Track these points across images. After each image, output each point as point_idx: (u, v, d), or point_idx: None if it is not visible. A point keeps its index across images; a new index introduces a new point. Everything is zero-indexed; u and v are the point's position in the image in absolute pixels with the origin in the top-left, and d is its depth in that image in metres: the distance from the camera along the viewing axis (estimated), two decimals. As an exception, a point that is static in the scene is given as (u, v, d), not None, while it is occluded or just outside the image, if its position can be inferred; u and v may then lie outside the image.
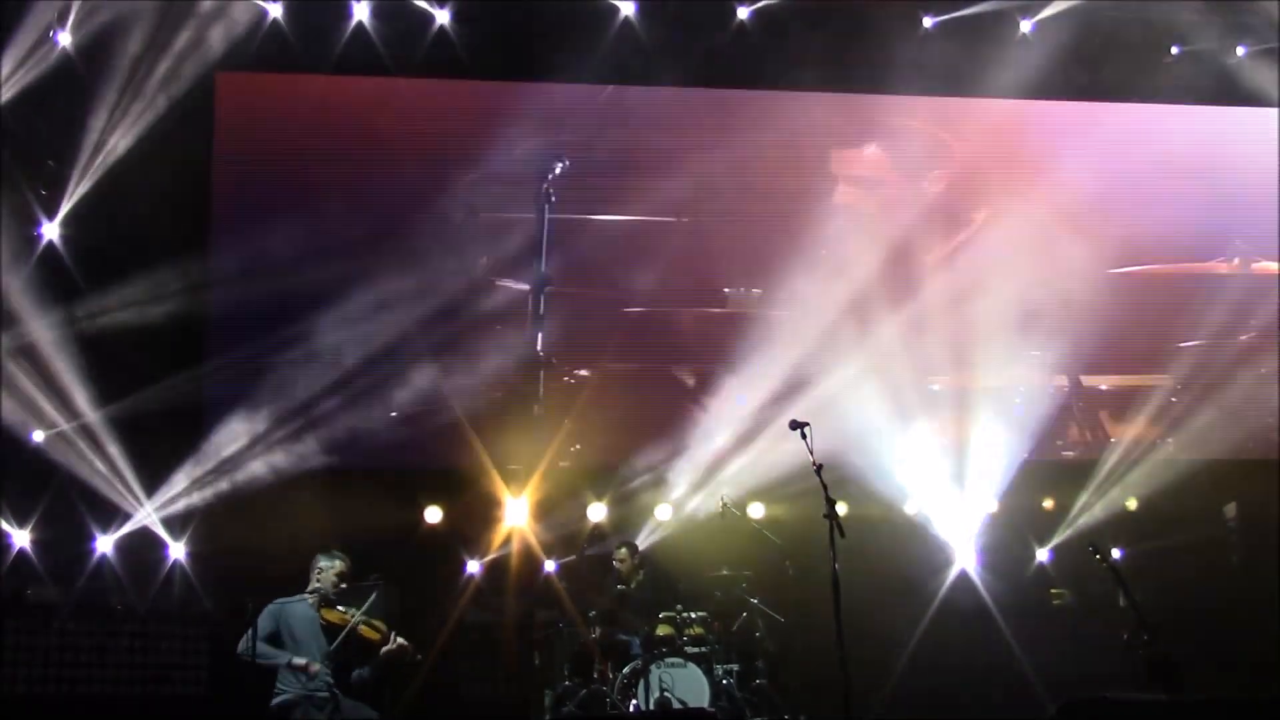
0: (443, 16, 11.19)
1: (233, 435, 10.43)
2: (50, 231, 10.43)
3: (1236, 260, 12.51)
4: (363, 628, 8.38)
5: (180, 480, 10.22)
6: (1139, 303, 12.33)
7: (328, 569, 8.50)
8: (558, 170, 11.49)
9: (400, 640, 8.48)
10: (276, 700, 8.12)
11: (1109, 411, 12.64)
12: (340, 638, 8.26)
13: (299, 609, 8.40)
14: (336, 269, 10.62)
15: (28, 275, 10.04)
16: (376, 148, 11.23)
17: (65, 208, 10.44)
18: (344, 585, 8.52)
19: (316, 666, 8.14)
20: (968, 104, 12.22)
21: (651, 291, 11.69)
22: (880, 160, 12.40)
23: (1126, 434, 12.24)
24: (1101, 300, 11.88)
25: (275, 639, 8.26)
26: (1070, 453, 12.52)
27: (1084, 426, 12.60)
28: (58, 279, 10.21)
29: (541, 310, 11.43)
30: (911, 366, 11.64)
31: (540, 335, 11.38)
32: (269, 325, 10.64)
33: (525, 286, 11.53)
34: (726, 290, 12.03)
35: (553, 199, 11.46)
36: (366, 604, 8.46)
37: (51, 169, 10.45)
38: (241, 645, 8.09)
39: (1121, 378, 12.71)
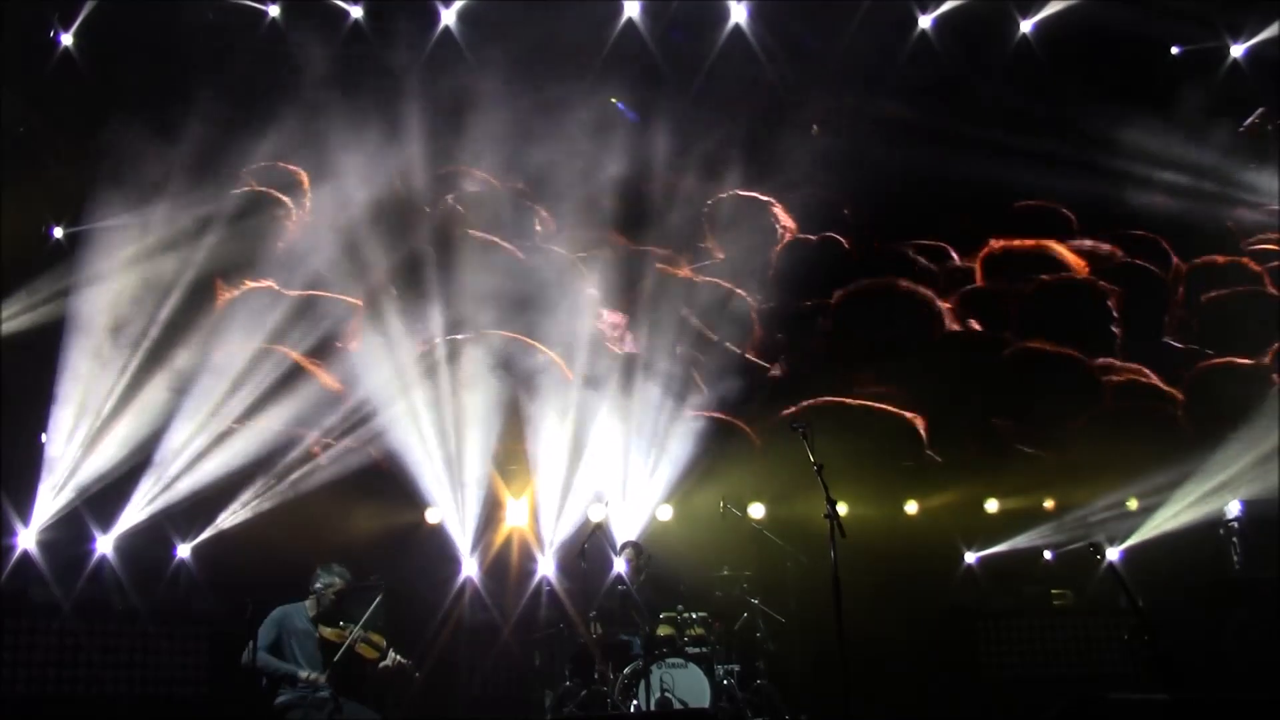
0: (448, 16, 11.16)
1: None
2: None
3: None
4: (360, 645, 8.33)
5: None
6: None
7: (328, 586, 8.47)
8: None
9: (398, 658, 8.45)
10: (277, 700, 8.12)
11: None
12: (338, 656, 8.24)
13: (299, 622, 8.38)
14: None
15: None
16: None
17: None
18: (342, 603, 8.52)
19: (323, 679, 8.15)
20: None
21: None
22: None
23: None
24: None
25: (278, 647, 8.25)
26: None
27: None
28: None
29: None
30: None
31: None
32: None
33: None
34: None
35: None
36: (365, 616, 8.42)
37: None
38: (245, 656, 8.08)
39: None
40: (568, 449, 11.22)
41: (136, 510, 10.16)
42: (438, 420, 10.85)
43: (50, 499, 9.95)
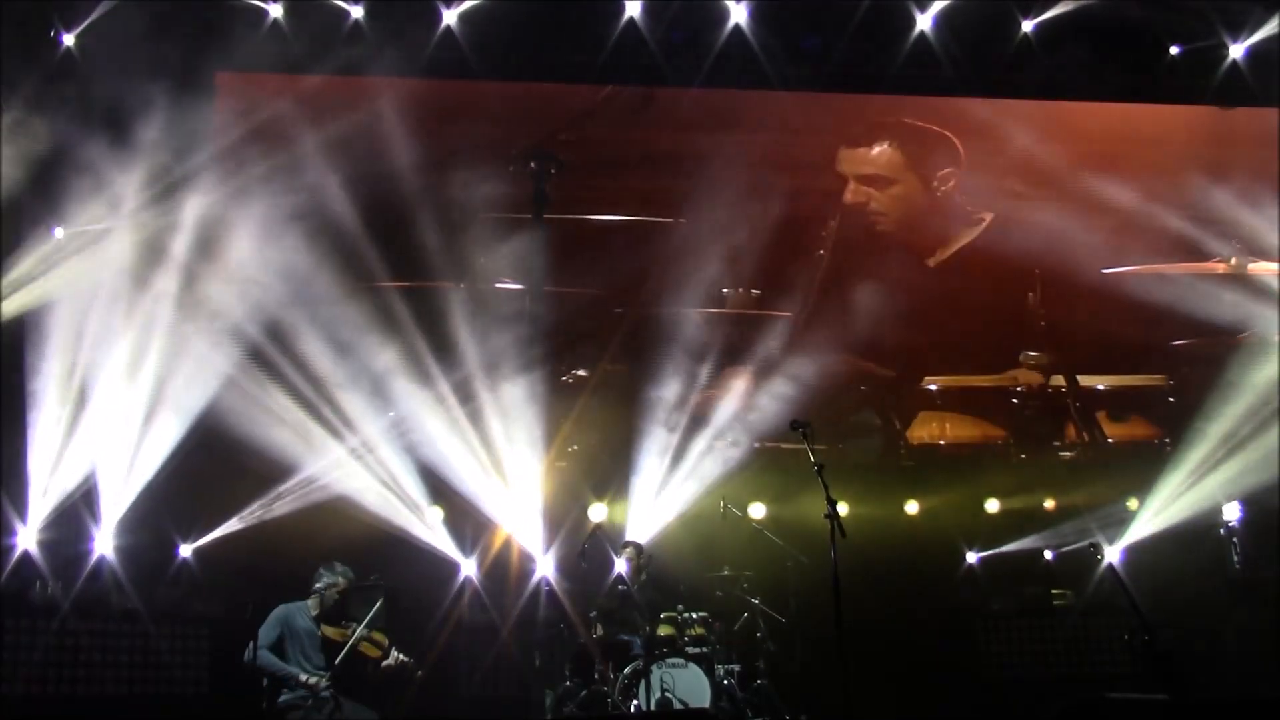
0: (450, 17, 11.10)
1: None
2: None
3: (1233, 260, 12.55)
4: (363, 644, 8.37)
5: None
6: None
7: (330, 586, 8.48)
8: (553, 171, 11.51)
9: (400, 656, 8.47)
10: (279, 701, 8.12)
11: (1107, 411, 12.74)
12: (341, 655, 8.26)
13: (302, 621, 8.40)
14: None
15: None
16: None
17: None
18: (345, 602, 8.53)
19: (324, 685, 8.15)
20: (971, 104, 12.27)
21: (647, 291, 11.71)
22: (893, 159, 12.43)
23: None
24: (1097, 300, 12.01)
25: (280, 645, 8.27)
26: (1067, 453, 12.61)
27: (1081, 426, 12.68)
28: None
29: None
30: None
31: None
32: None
33: (521, 287, 11.55)
34: (725, 291, 12.04)
35: (549, 199, 11.50)
36: (368, 617, 8.43)
37: None
38: (247, 654, 8.09)
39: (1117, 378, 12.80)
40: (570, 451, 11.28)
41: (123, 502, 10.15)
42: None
43: (41, 497, 9.92)
